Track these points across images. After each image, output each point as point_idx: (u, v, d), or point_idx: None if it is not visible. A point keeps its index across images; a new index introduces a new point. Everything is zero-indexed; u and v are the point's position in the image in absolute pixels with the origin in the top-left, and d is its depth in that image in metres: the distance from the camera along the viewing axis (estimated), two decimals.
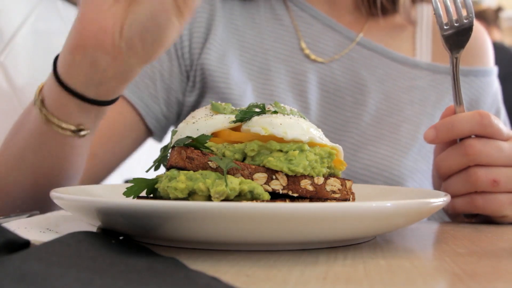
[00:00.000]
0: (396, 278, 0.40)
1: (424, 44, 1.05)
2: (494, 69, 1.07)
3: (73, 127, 0.67)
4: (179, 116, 1.03)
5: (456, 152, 0.71)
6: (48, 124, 0.67)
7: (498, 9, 3.76)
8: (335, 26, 1.03)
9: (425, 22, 1.08)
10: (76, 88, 0.63)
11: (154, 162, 0.62)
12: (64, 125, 0.67)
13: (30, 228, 0.55)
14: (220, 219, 0.44)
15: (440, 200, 0.53)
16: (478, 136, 0.70)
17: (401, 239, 0.58)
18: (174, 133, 0.60)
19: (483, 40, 1.08)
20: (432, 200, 0.52)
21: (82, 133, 0.68)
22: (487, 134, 0.70)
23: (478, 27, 1.08)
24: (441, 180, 0.75)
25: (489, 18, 3.62)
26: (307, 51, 1.01)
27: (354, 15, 1.06)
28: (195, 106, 1.00)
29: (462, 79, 1.01)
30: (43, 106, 0.67)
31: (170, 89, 1.00)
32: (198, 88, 0.99)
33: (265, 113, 0.58)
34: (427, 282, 0.40)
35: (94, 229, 0.52)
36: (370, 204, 0.46)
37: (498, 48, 3.41)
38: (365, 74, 1.00)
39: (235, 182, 0.50)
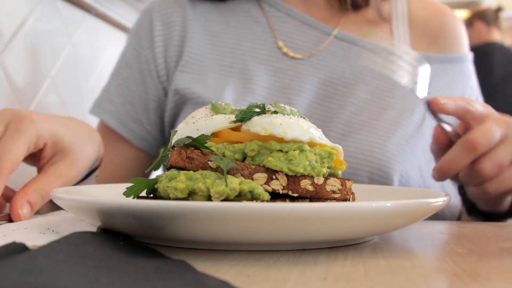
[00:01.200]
0: (396, 278, 0.40)
1: (402, 34, 1.07)
2: (469, 55, 1.09)
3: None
4: (163, 131, 1.06)
5: (461, 152, 0.73)
6: None
7: (498, 9, 3.77)
8: (311, 22, 1.05)
9: (400, 12, 1.09)
10: None
11: (154, 162, 0.62)
12: None
13: (30, 229, 0.55)
14: (220, 219, 0.44)
15: (440, 200, 0.53)
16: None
17: (401, 239, 0.58)
18: (174, 133, 0.60)
19: (457, 27, 1.10)
20: (432, 200, 0.52)
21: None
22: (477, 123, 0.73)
23: (451, 13, 1.10)
24: (447, 177, 0.77)
25: (489, 18, 3.64)
26: (285, 49, 1.02)
27: (329, 11, 1.07)
28: (175, 116, 1.02)
29: (438, 66, 1.03)
30: None
31: (149, 110, 1.04)
32: (176, 100, 1.00)
33: (265, 113, 0.58)
34: (427, 282, 0.40)
35: (94, 229, 0.52)
36: (370, 204, 0.46)
37: (498, 48, 3.43)
38: (345, 66, 1.01)
39: (235, 182, 0.50)
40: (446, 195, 0.57)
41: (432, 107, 0.75)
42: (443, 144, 0.78)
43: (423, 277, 0.41)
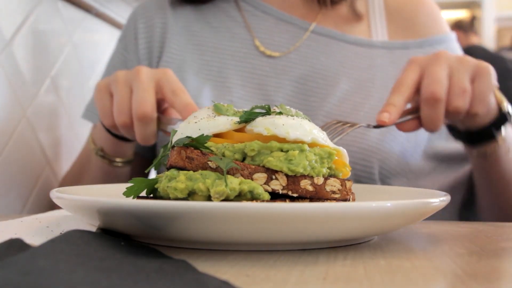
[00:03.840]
0: (396, 278, 0.40)
1: (379, 25, 1.08)
2: (450, 35, 1.09)
3: (125, 160, 0.96)
4: None
5: (430, 110, 0.76)
6: (110, 164, 0.95)
7: (473, 18, 4.10)
8: (288, 18, 1.06)
9: (376, 4, 1.09)
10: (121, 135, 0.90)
11: (154, 162, 0.62)
12: (120, 160, 0.96)
13: (30, 227, 0.55)
14: (220, 219, 0.44)
15: (440, 200, 0.53)
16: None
17: (401, 239, 0.58)
18: (174, 133, 0.59)
19: (432, 10, 1.11)
20: (431, 200, 0.52)
21: (130, 162, 0.98)
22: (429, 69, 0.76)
23: None
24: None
25: (466, 26, 4.00)
26: (262, 48, 1.03)
27: (306, 8, 1.08)
28: None
29: (419, 51, 1.05)
30: (105, 154, 0.94)
31: None
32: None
33: (269, 114, 0.58)
34: (427, 282, 0.40)
35: (94, 229, 0.52)
36: (370, 204, 0.46)
37: (478, 49, 3.61)
38: (324, 60, 1.02)
39: (235, 182, 0.50)
40: (445, 195, 0.57)
41: (384, 125, 0.76)
42: (414, 129, 0.80)
43: (423, 277, 0.41)
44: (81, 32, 1.27)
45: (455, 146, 1.00)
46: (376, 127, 0.78)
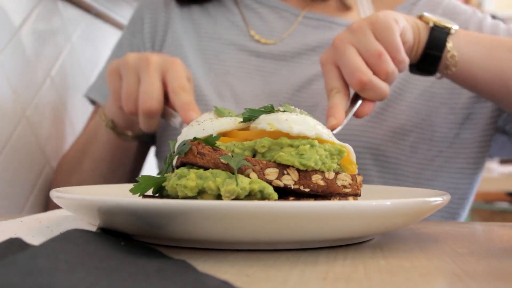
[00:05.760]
0: (396, 278, 0.40)
1: (367, 10, 1.10)
2: None
3: (134, 134, 0.97)
4: None
5: (368, 92, 0.75)
6: (119, 136, 0.97)
7: None
8: (280, 5, 1.10)
9: None
10: None
11: (162, 170, 0.62)
12: (130, 133, 0.97)
13: (30, 227, 0.55)
14: (221, 218, 0.44)
15: (440, 199, 0.53)
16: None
17: (401, 239, 0.58)
18: (173, 144, 0.59)
19: None
20: (431, 199, 0.52)
21: (139, 136, 0.99)
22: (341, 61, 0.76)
23: None
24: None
25: None
26: (257, 37, 1.07)
27: (299, 0, 1.12)
28: None
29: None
30: (115, 125, 0.96)
31: None
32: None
33: (273, 113, 0.58)
34: (427, 282, 0.40)
35: (94, 229, 0.52)
36: (370, 202, 0.46)
37: None
38: (316, 39, 1.06)
39: (245, 182, 0.50)
40: (445, 194, 0.57)
41: (337, 126, 0.74)
42: (370, 108, 0.79)
43: (423, 277, 0.41)
44: (80, 31, 1.27)
45: None
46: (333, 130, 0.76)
